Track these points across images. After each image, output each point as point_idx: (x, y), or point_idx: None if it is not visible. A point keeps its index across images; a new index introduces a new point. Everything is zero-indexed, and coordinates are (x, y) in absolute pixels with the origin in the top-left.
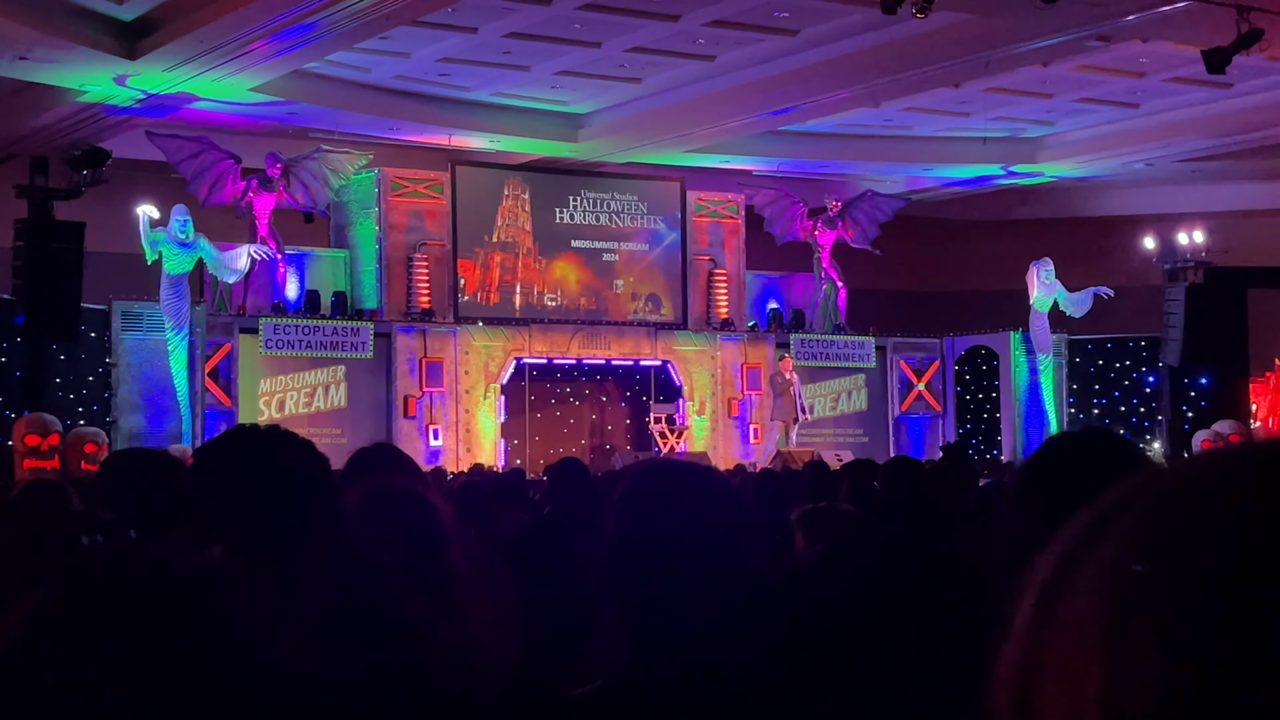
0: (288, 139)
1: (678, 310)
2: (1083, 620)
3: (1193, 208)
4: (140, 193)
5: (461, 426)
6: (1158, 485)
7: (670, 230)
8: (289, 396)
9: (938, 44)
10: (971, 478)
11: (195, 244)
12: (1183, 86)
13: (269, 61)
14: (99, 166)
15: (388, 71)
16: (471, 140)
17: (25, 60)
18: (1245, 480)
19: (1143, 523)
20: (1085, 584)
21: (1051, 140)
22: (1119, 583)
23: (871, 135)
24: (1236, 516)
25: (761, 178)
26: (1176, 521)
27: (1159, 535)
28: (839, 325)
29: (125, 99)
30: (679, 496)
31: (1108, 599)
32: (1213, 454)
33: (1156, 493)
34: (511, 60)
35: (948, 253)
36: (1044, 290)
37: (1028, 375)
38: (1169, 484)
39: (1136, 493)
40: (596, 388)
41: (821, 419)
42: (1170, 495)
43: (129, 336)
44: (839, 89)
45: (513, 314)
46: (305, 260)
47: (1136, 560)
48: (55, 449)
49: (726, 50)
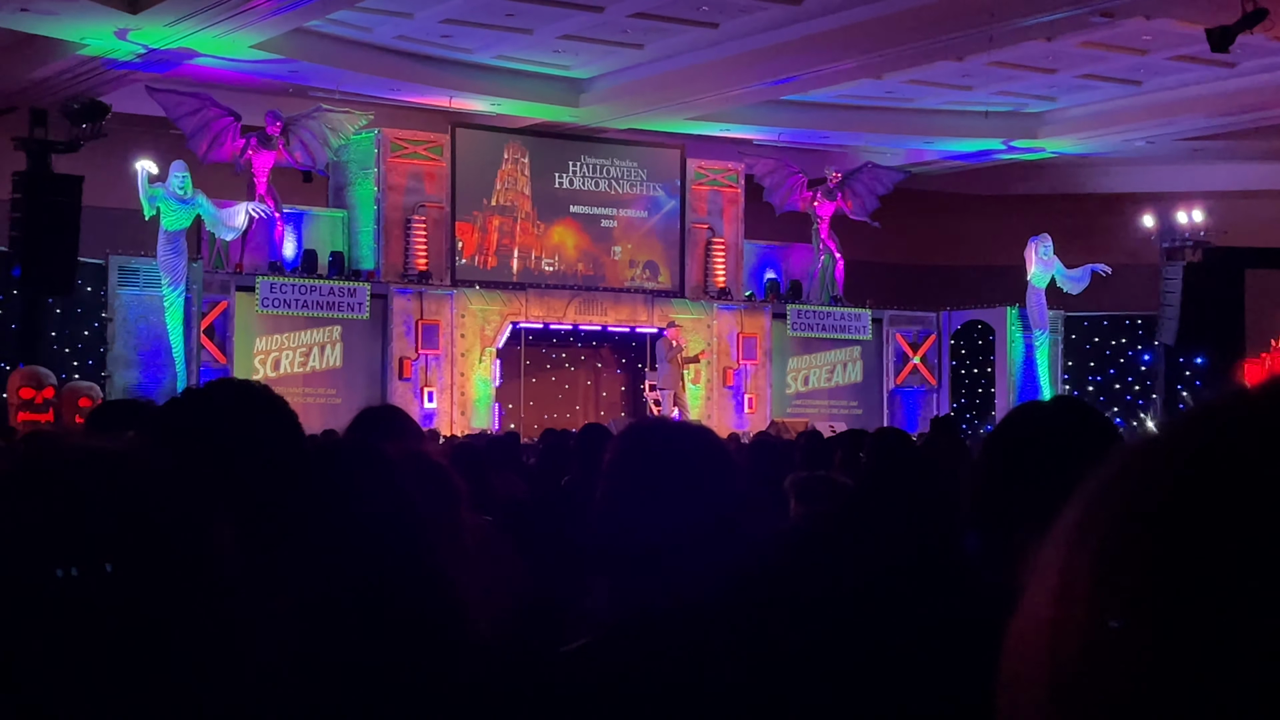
0: (288, 97)
1: (675, 278)
2: (1048, 565)
3: (1192, 187)
4: (139, 148)
5: (456, 390)
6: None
7: (669, 198)
8: (284, 355)
9: (942, 16)
10: (963, 451)
11: (193, 200)
12: (1186, 65)
13: (271, 19)
14: (98, 120)
15: (389, 31)
16: (472, 103)
17: (26, 12)
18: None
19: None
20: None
21: (1053, 116)
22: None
23: (873, 107)
24: (1166, 472)
25: (762, 147)
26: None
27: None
28: (836, 297)
29: (126, 53)
30: (670, 456)
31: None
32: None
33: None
34: (514, 23)
35: (946, 227)
36: (1042, 266)
37: (1023, 351)
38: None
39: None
40: (592, 354)
41: (816, 390)
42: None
43: (125, 291)
44: (842, 59)
45: (510, 278)
46: (303, 219)
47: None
48: (50, 402)
49: (730, 18)
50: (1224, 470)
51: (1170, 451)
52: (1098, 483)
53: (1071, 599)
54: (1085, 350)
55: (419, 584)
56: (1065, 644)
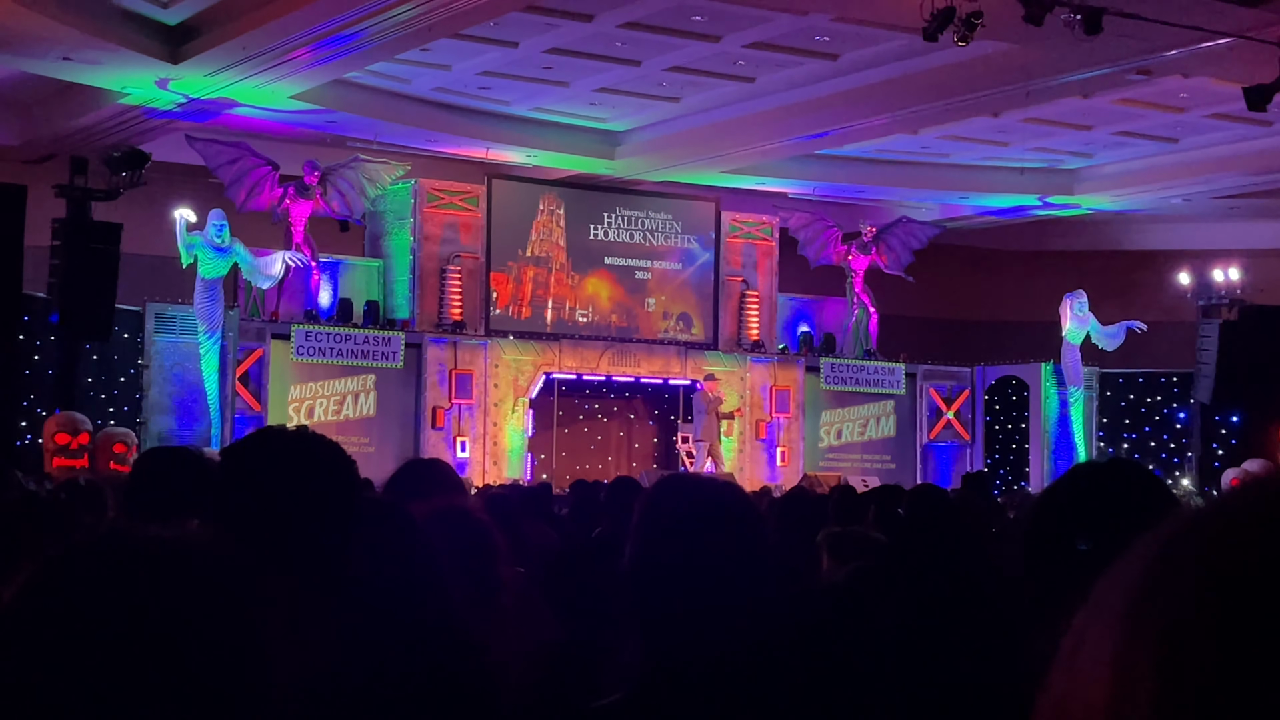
0: (326, 147)
1: (708, 330)
2: (1093, 668)
3: (1229, 244)
4: (178, 196)
5: (489, 439)
6: (1176, 520)
7: (704, 250)
8: (318, 403)
9: (978, 73)
10: (995, 507)
11: (231, 249)
12: (1222, 123)
13: (310, 70)
14: (138, 169)
15: (427, 83)
16: (508, 154)
17: (69, 61)
18: (1242, 513)
19: (1141, 570)
20: (1098, 634)
21: (1089, 172)
22: (1120, 630)
23: (908, 162)
24: (1232, 545)
25: (797, 200)
26: (1167, 568)
27: (1151, 581)
28: (869, 351)
29: (166, 102)
30: (700, 511)
31: (1112, 647)
32: (1227, 492)
33: (1156, 543)
34: (551, 76)
35: (981, 282)
36: (1077, 323)
37: (1058, 407)
38: (1181, 519)
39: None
40: (625, 405)
41: (849, 444)
42: (1175, 527)
43: (162, 339)
44: (877, 114)
45: (544, 328)
46: (339, 268)
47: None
48: (85, 448)
49: (766, 72)
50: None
51: (1252, 518)
52: (1160, 547)
53: (1132, 675)
54: (1120, 407)
55: (447, 651)
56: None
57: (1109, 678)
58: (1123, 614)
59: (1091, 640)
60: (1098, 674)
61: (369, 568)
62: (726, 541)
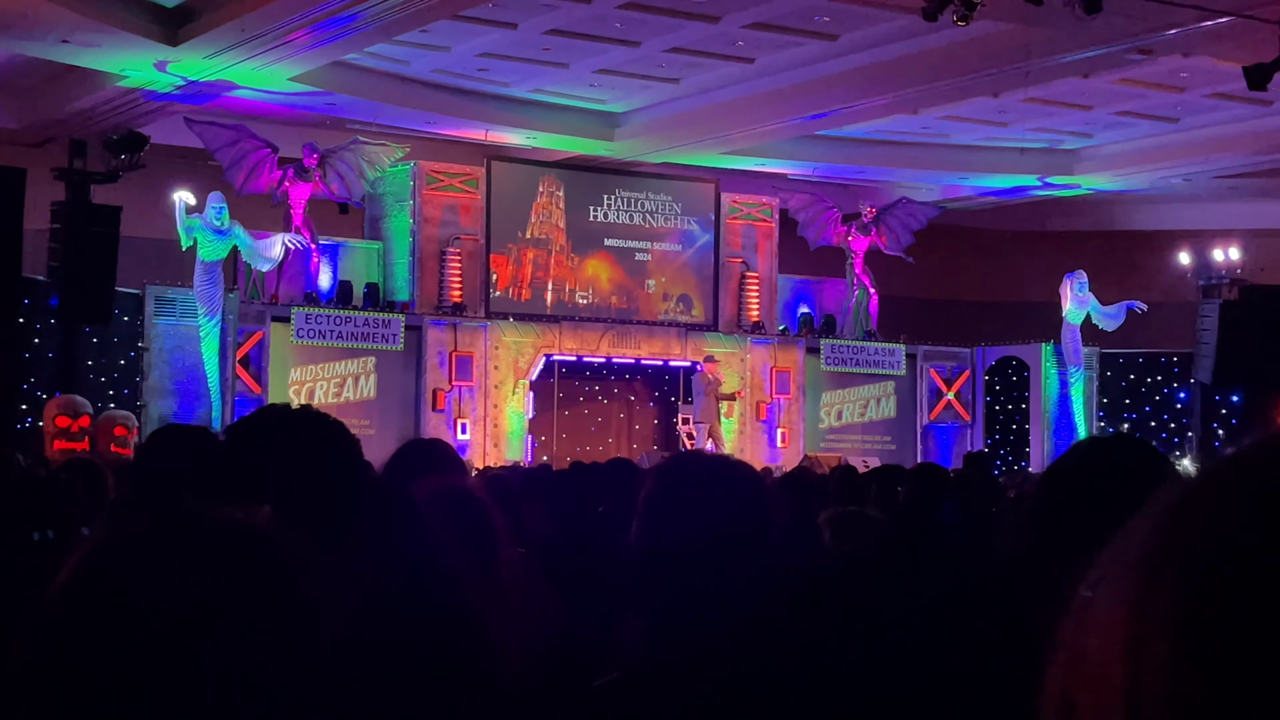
0: (325, 129)
1: (709, 311)
2: (1108, 618)
3: (1229, 224)
4: (177, 179)
5: (489, 421)
6: (1179, 486)
7: (704, 231)
8: (319, 386)
9: (978, 53)
10: (995, 488)
11: (230, 231)
12: (1223, 102)
13: (309, 51)
14: (137, 151)
15: (427, 65)
16: (508, 136)
17: (67, 44)
18: (1250, 469)
19: (1159, 519)
20: (1112, 583)
21: (1089, 152)
22: (1136, 578)
23: (908, 142)
24: (1243, 506)
25: (796, 182)
26: (1185, 515)
27: (1170, 529)
28: (870, 331)
29: (165, 85)
30: (706, 490)
31: (1128, 594)
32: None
33: (1174, 492)
34: (550, 57)
35: (981, 262)
36: (1077, 303)
37: (1058, 388)
38: (1187, 482)
39: (1161, 497)
40: (625, 387)
41: (850, 425)
42: (1183, 491)
43: (162, 321)
44: (877, 95)
45: (544, 310)
46: (339, 251)
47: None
48: (85, 431)
49: (766, 53)
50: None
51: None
52: (1171, 512)
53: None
54: (1120, 387)
55: (446, 629)
56: (1145, 689)
57: (1126, 625)
58: (1141, 560)
59: (1109, 587)
60: (1115, 621)
61: (369, 546)
62: (732, 519)
